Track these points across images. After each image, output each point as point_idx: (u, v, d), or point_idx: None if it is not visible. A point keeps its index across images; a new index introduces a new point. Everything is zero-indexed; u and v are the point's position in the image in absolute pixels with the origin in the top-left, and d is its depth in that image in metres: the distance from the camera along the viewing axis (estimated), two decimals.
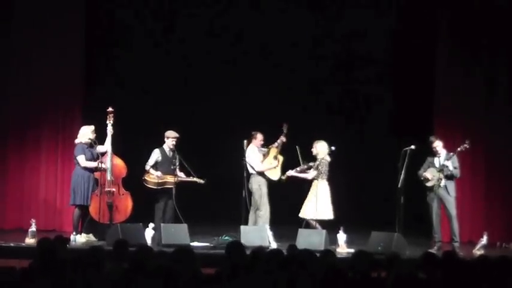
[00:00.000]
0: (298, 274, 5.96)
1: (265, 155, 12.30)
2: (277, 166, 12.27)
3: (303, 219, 11.88)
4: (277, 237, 11.69)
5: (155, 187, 11.96)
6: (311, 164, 12.01)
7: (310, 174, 11.94)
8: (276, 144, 12.24)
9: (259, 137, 12.33)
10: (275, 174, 12.28)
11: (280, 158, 12.27)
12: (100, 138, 11.80)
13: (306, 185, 11.96)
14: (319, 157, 11.95)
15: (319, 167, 11.89)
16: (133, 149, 12.37)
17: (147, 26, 14.30)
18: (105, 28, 13.93)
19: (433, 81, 13.59)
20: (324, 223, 11.76)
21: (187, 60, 14.33)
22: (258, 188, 12.21)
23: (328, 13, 14.38)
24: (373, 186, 13.86)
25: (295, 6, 14.27)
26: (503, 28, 13.21)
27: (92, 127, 11.78)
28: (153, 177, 11.96)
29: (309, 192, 11.95)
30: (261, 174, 12.26)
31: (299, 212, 11.88)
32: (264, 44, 14.39)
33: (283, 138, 12.22)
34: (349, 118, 14.74)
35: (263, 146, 12.30)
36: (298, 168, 12.07)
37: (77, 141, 11.78)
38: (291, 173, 12.07)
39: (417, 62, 13.93)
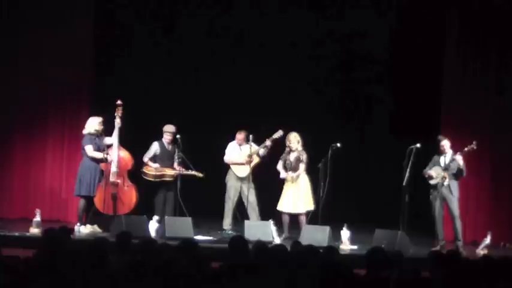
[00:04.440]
0: (298, 272, 5.95)
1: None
2: (246, 163, 12.31)
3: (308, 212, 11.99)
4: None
5: (153, 179, 12.08)
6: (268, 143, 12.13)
7: (301, 169, 11.98)
8: (263, 145, 12.27)
9: (238, 136, 12.52)
10: (242, 171, 12.37)
11: (256, 158, 12.29)
12: (109, 130, 11.83)
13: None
14: (299, 148, 11.99)
15: (304, 159, 11.94)
16: (142, 142, 12.41)
17: (148, 26, 14.27)
18: (107, 23, 13.92)
19: (436, 81, 13.56)
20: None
21: (187, 60, 14.27)
22: (227, 181, 12.45)
23: (328, 13, 14.28)
24: (376, 184, 13.86)
25: (295, 7, 14.21)
26: (509, 28, 13.18)
27: (100, 119, 11.81)
28: (151, 169, 12.05)
29: (302, 186, 12.00)
30: (229, 167, 12.42)
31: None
32: (264, 44, 14.31)
33: (267, 143, 12.25)
34: (349, 118, 14.70)
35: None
36: (282, 169, 12.13)
37: (84, 131, 11.82)
38: (292, 174, 12.07)
39: (418, 62, 13.88)
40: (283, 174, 12.14)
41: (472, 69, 13.35)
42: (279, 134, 12.22)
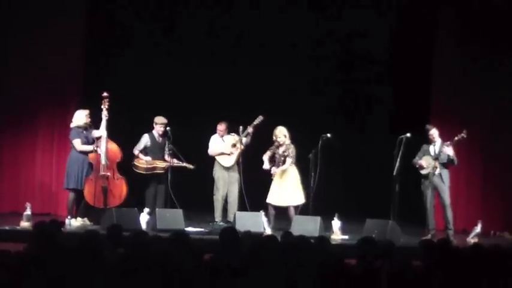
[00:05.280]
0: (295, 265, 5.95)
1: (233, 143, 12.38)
2: (231, 153, 12.32)
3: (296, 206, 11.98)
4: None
5: (144, 172, 12.06)
6: (249, 130, 12.12)
7: (286, 164, 11.97)
8: (245, 132, 12.25)
9: (219, 127, 12.50)
10: (227, 161, 12.36)
11: (240, 147, 12.28)
12: (97, 123, 11.81)
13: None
14: (287, 142, 11.98)
15: (290, 153, 11.93)
16: (130, 134, 12.40)
17: (148, 26, 14.29)
18: (105, 22, 13.91)
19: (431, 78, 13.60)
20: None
21: (187, 60, 14.24)
22: (214, 173, 12.40)
23: (328, 13, 14.28)
24: (367, 174, 13.89)
25: (295, 7, 14.20)
26: (502, 26, 13.18)
27: (87, 111, 11.80)
28: (142, 162, 12.04)
29: (291, 180, 11.99)
30: (214, 159, 12.41)
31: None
32: (264, 44, 14.31)
33: (249, 129, 12.21)
34: (349, 118, 14.70)
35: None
36: (267, 160, 12.10)
37: (72, 125, 11.79)
38: (276, 170, 12.04)
39: (417, 62, 13.88)
40: (266, 165, 12.09)
41: (462, 61, 13.38)
42: (259, 119, 12.20)
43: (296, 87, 14.37)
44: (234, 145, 12.31)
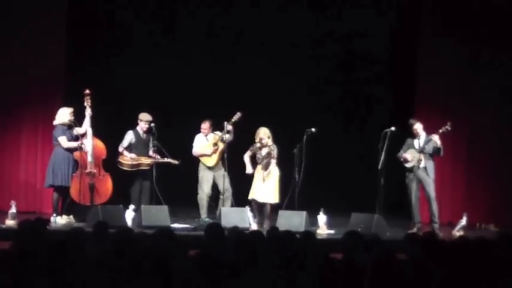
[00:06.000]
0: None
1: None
2: (212, 153, 12.26)
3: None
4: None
5: (129, 169, 12.06)
6: (228, 128, 12.00)
7: (272, 165, 11.92)
8: (224, 130, 12.18)
9: (203, 126, 12.41)
10: (210, 161, 12.31)
11: (221, 145, 12.23)
12: (81, 121, 11.79)
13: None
14: (270, 143, 11.95)
15: (275, 154, 11.91)
16: (113, 131, 12.38)
17: (147, 24, 14.28)
18: (104, 22, 13.95)
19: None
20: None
21: (186, 59, 14.19)
22: (199, 172, 12.35)
23: (328, 13, 14.28)
24: (353, 168, 13.92)
25: (295, 6, 14.20)
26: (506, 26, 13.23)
27: (71, 109, 11.75)
28: (127, 159, 12.03)
29: (272, 178, 11.95)
30: (198, 159, 12.36)
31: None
32: (264, 43, 14.31)
33: (228, 127, 12.11)
34: (349, 118, 14.70)
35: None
36: (249, 163, 12.06)
37: (55, 122, 11.75)
38: (265, 174, 11.97)
39: (417, 61, 13.87)
40: (249, 169, 12.04)
41: (447, 53, 13.40)
42: (237, 116, 12.12)
43: (296, 87, 14.38)
44: (215, 144, 12.28)
